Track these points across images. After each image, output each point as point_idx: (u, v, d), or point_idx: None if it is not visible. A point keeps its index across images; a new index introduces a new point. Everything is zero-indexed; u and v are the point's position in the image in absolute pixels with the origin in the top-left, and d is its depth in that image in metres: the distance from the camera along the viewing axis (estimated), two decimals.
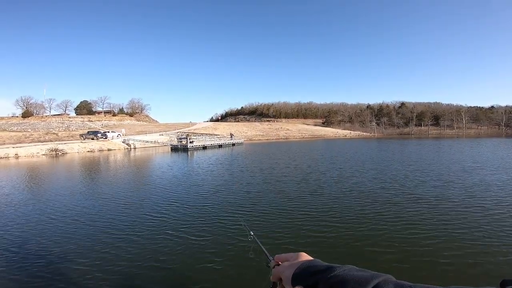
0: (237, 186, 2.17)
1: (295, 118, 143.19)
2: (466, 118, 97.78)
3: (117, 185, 12.90)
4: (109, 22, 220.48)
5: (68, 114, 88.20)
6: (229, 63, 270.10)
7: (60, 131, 57.01)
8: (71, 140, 43.43)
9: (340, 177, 12.93)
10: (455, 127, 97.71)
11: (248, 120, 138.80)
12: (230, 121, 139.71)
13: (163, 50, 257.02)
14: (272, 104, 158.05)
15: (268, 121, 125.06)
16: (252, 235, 1.37)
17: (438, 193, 9.41)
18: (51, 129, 59.86)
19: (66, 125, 66.64)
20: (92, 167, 20.11)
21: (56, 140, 42.00)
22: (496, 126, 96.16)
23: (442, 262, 4.75)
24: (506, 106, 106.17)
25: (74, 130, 59.23)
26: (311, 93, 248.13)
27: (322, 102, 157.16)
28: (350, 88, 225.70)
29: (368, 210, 7.75)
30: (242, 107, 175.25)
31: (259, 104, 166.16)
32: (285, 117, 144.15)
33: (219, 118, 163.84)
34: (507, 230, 6.03)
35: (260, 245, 1.04)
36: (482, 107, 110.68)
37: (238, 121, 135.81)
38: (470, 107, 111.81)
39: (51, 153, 31.56)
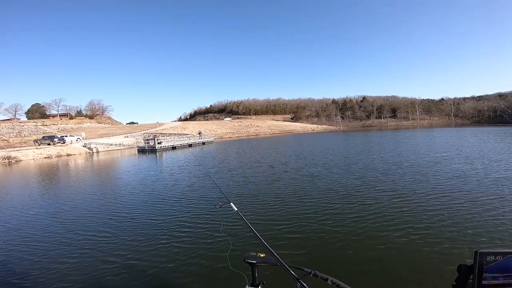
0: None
1: (264, 114, 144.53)
2: (420, 110, 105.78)
3: (79, 192, 12.26)
4: (59, 19, 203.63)
5: (19, 119, 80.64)
6: (196, 61, 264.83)
7: (11, 137, 52.01)
8: (25, 146, 39.96)
9: (314, 176, 12.66)
10: (410, 119, 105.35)
11: (218, 118, 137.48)
12: (199, 120, 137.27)
13: (126, 48, 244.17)
14: (242, 102, 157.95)
15: (238, 118, 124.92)
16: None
17: (414, 187, 9.69)
18: (1, 136, 54.32)
19: (17, 131, 60.78)
20: (50, 174, 18.76)
21: (7, 147, 38.41)
22: (446, 117, 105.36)
23: (414, 249, 5.33)
24: (455, 98, 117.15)
25: (27, 136, 54.40)
26: (280, 89, 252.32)
27: (290, 98, 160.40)
28: (316, 83, 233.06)
29: (342, 208, 8.10)
30: (211, 105, 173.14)
31: (228, 102, 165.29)
32: (254, 114, 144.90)
33: (188, 117, 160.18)
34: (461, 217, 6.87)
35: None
36: (433, 99, 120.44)
37: (207, 120, 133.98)
38: (423, 99, 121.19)
39: (3, 161, 28.82)
